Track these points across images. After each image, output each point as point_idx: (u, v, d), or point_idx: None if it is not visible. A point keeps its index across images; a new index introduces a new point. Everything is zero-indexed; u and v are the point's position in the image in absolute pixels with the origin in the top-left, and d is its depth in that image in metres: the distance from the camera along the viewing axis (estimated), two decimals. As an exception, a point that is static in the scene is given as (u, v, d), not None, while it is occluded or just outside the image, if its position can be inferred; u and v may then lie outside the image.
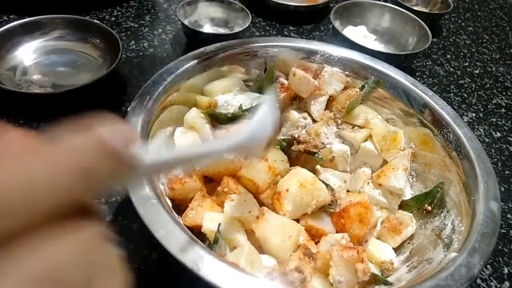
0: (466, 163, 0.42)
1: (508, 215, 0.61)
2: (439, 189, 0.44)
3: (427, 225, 0.43)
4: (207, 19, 0.83)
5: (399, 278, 0.38)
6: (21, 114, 0.57)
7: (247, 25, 0.78)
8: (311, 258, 0.38)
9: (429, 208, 0.44)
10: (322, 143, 0.47)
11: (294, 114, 0.49)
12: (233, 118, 0.47)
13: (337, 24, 0.83)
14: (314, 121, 0.49)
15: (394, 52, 0.84)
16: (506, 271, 0.53)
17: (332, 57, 0.51)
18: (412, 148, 0.48)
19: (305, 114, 0.49)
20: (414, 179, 0.48)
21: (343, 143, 0.48)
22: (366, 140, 0.48)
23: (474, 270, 0.32)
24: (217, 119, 0.48)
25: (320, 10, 0.94)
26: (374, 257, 0.40)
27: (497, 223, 0.36)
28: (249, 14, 0.80)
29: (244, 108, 0.48)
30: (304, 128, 0.48)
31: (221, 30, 0.83)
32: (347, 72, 0.51)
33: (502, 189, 0.65)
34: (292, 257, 0.36)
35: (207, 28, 0.82)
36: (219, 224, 0.37)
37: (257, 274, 0.34)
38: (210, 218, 0.39)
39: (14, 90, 0.57)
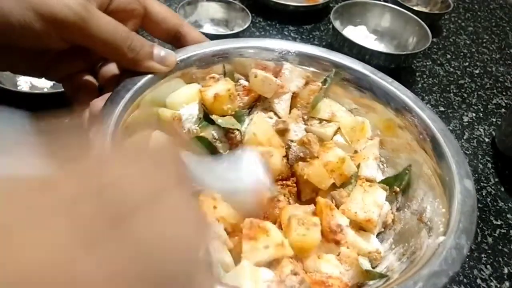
0: (435, 145, 0.42)
1: (508, 215, 0.61)
2: (407, 171, 0.44)
3: (405, 209, 0.43)
4: (207, 19, 0.84)
5: (388, 267, 0.38)
6: (21, 114, 0.57)
7: (247, 25, 0.78)
8: (298, 260, 0.38)
9: (397, 189, 0.44)
10: (291, 140, 0.46)
11: (260, 115, 0.49)
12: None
13: (337, 24, 0.83)
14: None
15: (394, 52, 0.84)
16: (506, 271, 0.53)
17: (289, 53, 0.50)
18: (379, 135, 0.48)
19: (271, 114, 0.49)
20: (385, 165, 0.48)
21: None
22: (336, 133, 0.48)
23: (463, 251, 0.32)
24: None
25: (320, 10, 0.94)
26: (361, 249, 0.40)
27: (475, 200, 0.36)
28: (249, 14, 0.81)
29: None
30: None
31: (221, 30, 0.83)
32: (306, 67, 0.50)
33: (503, 189, 0.65)
34: (283, 263, 0.36)
35: (207, 28, 0.82)
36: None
37: None
38: None
39: (14, 90, 0.57)
